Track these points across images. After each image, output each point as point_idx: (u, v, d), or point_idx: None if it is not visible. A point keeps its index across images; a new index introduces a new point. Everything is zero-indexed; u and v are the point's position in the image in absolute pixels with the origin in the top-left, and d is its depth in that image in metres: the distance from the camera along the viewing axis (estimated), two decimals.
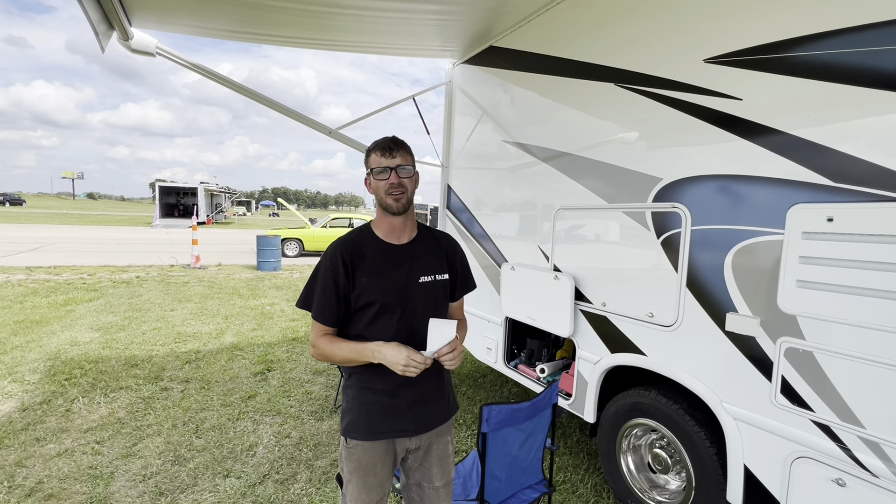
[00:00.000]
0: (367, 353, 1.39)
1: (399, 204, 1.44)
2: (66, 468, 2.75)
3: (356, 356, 1.41)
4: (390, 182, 1.42)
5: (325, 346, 1.44)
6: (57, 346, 4.96)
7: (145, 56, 3.15)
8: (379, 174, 1.43)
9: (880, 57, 1.45)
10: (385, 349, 1.37)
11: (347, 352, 1.42)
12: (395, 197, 1.43)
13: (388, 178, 1.42)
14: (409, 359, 1.34)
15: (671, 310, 2.10)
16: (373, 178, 1.45)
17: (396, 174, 1.42)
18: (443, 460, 1.58)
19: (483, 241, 3.57)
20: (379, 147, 1.44)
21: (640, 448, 2.46)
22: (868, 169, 1.47)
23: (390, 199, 1.43)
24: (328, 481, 2.70)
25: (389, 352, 1.36)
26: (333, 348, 1.43)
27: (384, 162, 1.42)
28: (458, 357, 1.43)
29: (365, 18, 3.06)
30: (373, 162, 1.45)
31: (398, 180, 1.42)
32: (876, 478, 1.49)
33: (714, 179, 1.93)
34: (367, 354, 1.39)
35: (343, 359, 1.43)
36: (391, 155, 1.42)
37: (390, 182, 1.42)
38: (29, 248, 13.79)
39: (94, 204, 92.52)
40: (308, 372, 4.46)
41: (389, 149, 1.43)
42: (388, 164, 1.42)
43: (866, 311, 1.48)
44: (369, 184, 1.49)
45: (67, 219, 32.21)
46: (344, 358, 1.43)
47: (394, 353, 1.35)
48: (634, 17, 2.27)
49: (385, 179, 1.42)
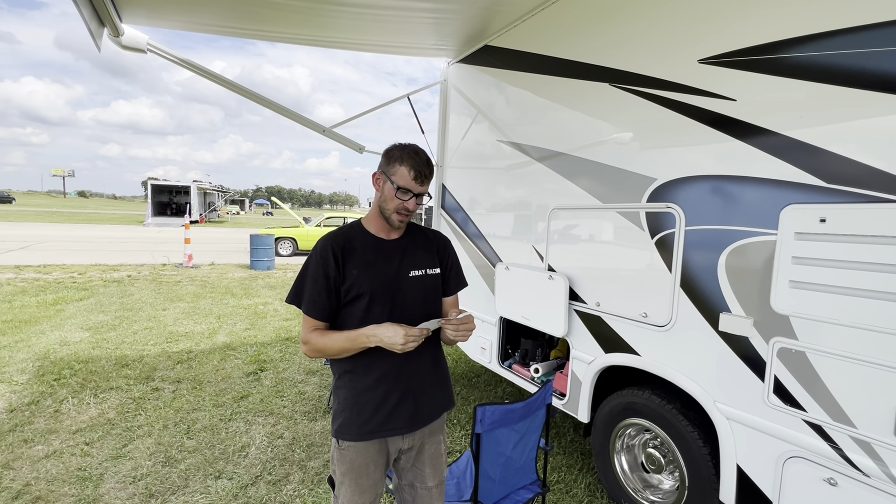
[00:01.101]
0: (362, 339, 1.37)
1: (402, 224, 1.48)
2: (55, 470, 2.71)
3: (351, 344, 1.38)
4: (406, 205, 1.42)
5: (317, 340, 1.41)
6: (46, 345, 4.89)
7: (136, 53, 3.11)
8: (402, 193, 1.41)
9: (874, 58, 1.45)
10: (380, 330, 1.35)
11: (342, 341, 1.39)
12: (401, 217, 1.44)
13: (407, 200, 1.42)
14: (406, 336, 1.32)
15: (665, 310, 2.10)
16: (392, 189, 1.41)
17: (417, 201, 1.43)
18: (435, 460, 1.57)
19: (477, 240, 3.56)
20: (414, 167, 1.40)
21: (634, 448, 2.46)
22: (861, 170, 1.48)
23: (396, 217, 1.44)
24: (321, 482, 2.69)
25: (385, 332, 1.34)
26: (326, 341, 1.40)
27: (413, 186, 1.41)
28: (464, 329, 1.42)
29: (359, 15, 3.04)
30: (400, 177, 1.40)
31: (414, 207, 1.43)
32: (867, 477, 1.50)
33: (708, 180, 1.93)
34: (363, 340, 1.36)
35: (338, 349, 1.40)
36: (422, 182, 1.42)
37: (406, 205, 1.42)
38: (18, 247, 13.62)
39: (86, 202, 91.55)
40: (301, 372, 4.44)
41: (424, 175, 1.42)
42: (415, 190, 1.41)
43: (858, 311, 1.49)
44: (380, 184, 1.46)
45: (58, 217, 31.85)
46: (339, 349, 1.40)
47: (390, 332, 1.33)
48: (629, 17, 2.27)
49: (403, 200, 1.41)
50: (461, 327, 1.42)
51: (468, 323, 1.43)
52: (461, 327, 1.42)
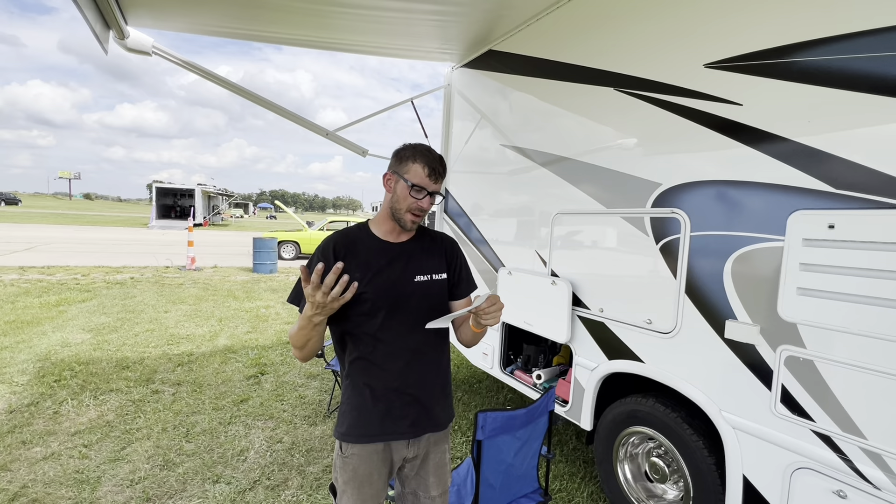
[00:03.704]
0: (305, 321, 1.29)
1: (416, 224, 1.44)
2: (52, 472, 2.69)
3: (303, 330, 1.31)
4: (420, 204, 1.39)
5: (290, 333, 1.37)
6: (47, 347, 4.89)
7: (141, 55, 3.13)
8: (416, 191, 1.38)
9: (882, 63, 1.43)
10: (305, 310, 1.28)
11: (297, 327, 1.33)
12: (414, 217, 1.41)
13: (421, 199, 1.39)
14: (314, 299, 1.22)
15: (670, 316, 2.08)
16: (405, 188, 1.38)
17: (430, 200, 1.41)
18: (439, 469, 1.55)
19: (481, 245, 3.54)
20: (428, 164, 1.38)
21: (638, 457, 2.42)
22: (870, 176, 1.45)
23: (409, 217, 1.41)
24: (320, 488, 2.66)
25: (306, 310, 1.27)
26: (291, 331, 1.36)
27: (427, 184, 1.39)
28: (494, 311, 1.31)
29: (364, 18, 3.04)
30: (413, 174, 1.38)
31: (429, 206, 1.41)
32: (878, 490, 1.46)
33: (714, 185, 1.91)
34: (306, 321, 1.28)
35: (298, 333, 1.33)
36: (435, 180, 1.40)
37: (420, 204, 1.39)
38: (23, 248, 13.69)
39: (91, 204, 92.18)
40: (302, 376, 4.41)
41: (438, 173, 1.40)
42: (429, 188, 1.39)
43: (868, 319, 1.46)
44: (391, 185, 1.44)
45: (63, 219, 32.05)
46: (297, 336, 1.33)
47: (307, 305, 1.26)
48: (634, 21, 2.26)
49: (417, 198, 1.39)
50: (491, 309, 1.31)
51: (496, 303, 1.32)
52: (491, 309, 1.31)
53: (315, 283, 1.20)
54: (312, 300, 1.22)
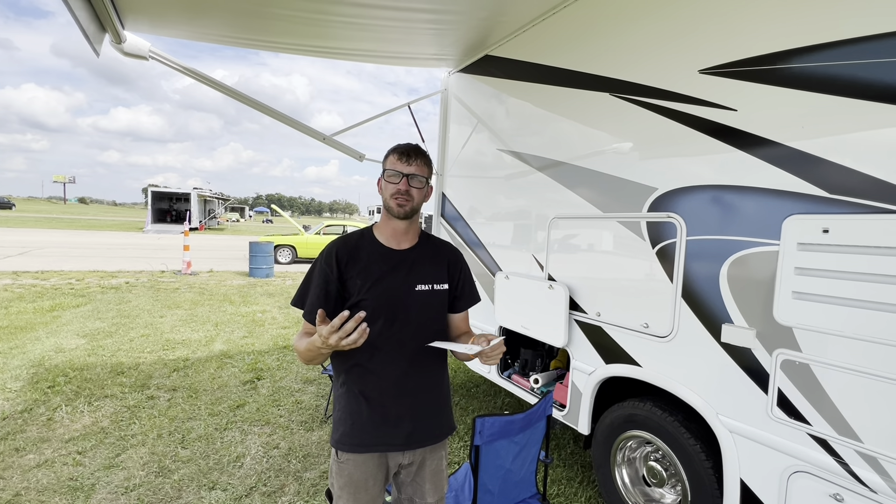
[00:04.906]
0: (316, 345, 1.25)
1: (402, 210, 1.42)
2: (46, 480, 2.66)
3: (309, 353, 1.30)
4: (398, 188, 1.40)
5: (296, 343, 1.38)
6: (41, 352, 4.85)
7: (138, 59, 3.12)
8: (391, 177, 1.41)
9: (876, 69, 1.45)
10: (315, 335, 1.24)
11: (304, 348, 1.32)
12: (399, 202, 1.41)
13: (398, 183, 1.41)
14: (324, 338, 1.19)
15: (666, 320, 2.08)
16: (384, 179, 1.44)
17: (407, 181, 1.41)
18: (436, 476, 1.54)
19: (477, 249, 3.55)
20: (398, 151, 1.43)
21: (635, 461, 2.42)
22: (864, 180, 1.47)
23: (393, 203, 1.42)
24: (317, 494, 2.64)
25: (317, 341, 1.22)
26: (298, 344, 1.36)
27: (399, 167, 1.41)
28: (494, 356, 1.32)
29: (361, 26, 3.05)
30: (388, 164, 1.44)
31: (406, 188, 1.41)
32: (874, 493, 1.47)
33: (709, 190, 1.92)
34: (316, 345, 1.25)
35: (304, 353, 1.33)
36: (408, 162, 1.41)
37: (398, 188, 1.40)
38: (16, 253, 13.59)
39: (86, 208, 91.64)
40: (298, 381, 4.39)
41: (408, 155, 1.42)
42: (402, 171, 1.40)
43: (863, 323, 1.47)
44: (380, 183, 1.47)
45: (57, 223, 31.85)
46: (305, 351, 1.32)
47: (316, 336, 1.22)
48: (630, 27, 2.28)
49: (395, 184, 1.41)
50: (492, 354, 1.33)
51: (497, 349, 1.33)
52: (492, 354, 1.33)
53: (335, 326, 1.18)
54: (326, 341, 1.19)
